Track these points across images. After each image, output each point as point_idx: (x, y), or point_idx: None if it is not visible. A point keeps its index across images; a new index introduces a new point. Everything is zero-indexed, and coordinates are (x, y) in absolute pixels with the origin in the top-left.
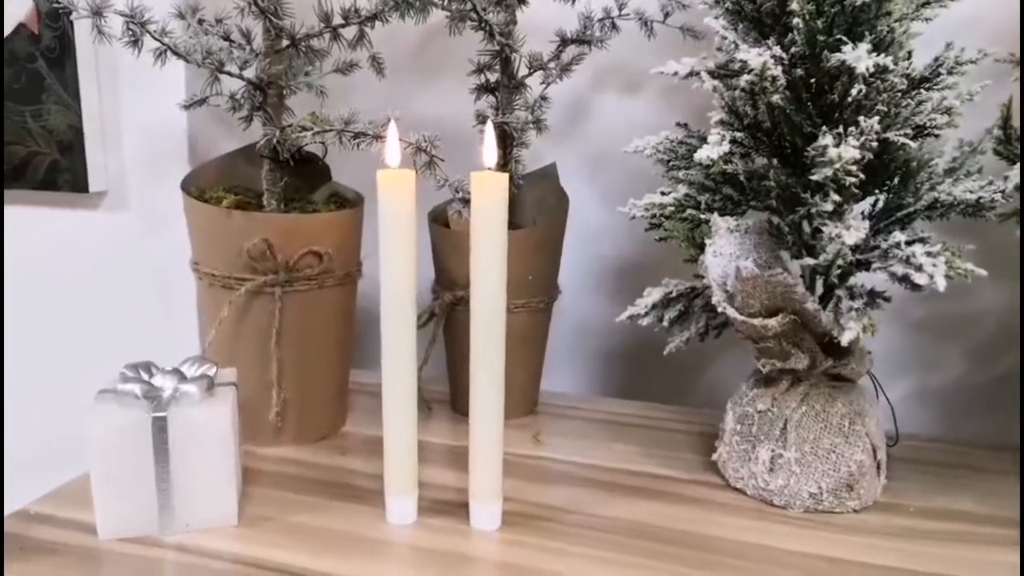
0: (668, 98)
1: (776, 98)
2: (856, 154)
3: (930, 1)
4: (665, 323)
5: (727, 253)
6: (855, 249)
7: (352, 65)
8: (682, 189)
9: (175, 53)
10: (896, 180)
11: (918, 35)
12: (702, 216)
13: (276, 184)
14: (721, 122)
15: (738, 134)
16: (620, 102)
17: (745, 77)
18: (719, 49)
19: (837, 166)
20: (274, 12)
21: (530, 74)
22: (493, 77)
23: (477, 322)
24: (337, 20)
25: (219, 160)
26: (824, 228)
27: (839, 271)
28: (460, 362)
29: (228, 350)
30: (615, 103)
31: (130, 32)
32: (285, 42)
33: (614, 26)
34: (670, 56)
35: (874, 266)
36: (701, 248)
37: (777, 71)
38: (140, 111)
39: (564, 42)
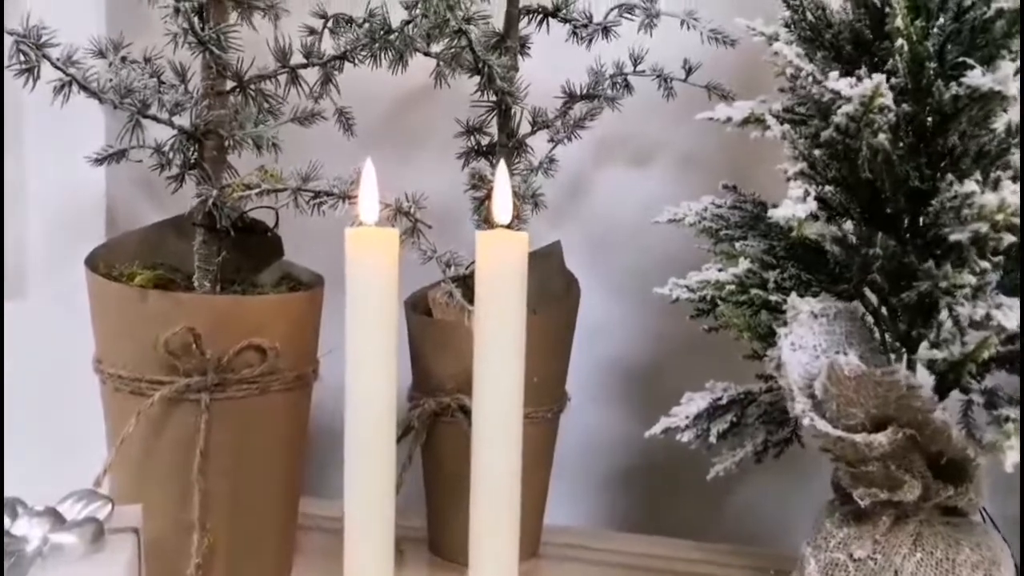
0: (684, 171)
1: (882, 138)
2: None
3: None
4: (712, 439)
5: (810, 345)
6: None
7: (314, 115)
8: (744, 264)
9: (83, 87)
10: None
11: None
12: (770, 298)
13: (211, 260)
14: (801, 174)
15: (828, 188)
16: (626, 176)
17: (844, 109)
18: (782, 90)
19: (999, 217)
20: (217, 43)
21: (533, 131)
22: (485, 140)
23: (482, 439)
24: (297, 60)
25: (142, 232)
26: (960, 308)
27: (972, 368)
28: (444, 490)
29: (134, 479)
30: (620, 177)
31: (22, 56)
32: (230, 83)
33: (627, 85)
34: (684, 123)
35: None
36: (765, 340)
37: (888, 98)
38: (46, 173)
39: (572, 97)
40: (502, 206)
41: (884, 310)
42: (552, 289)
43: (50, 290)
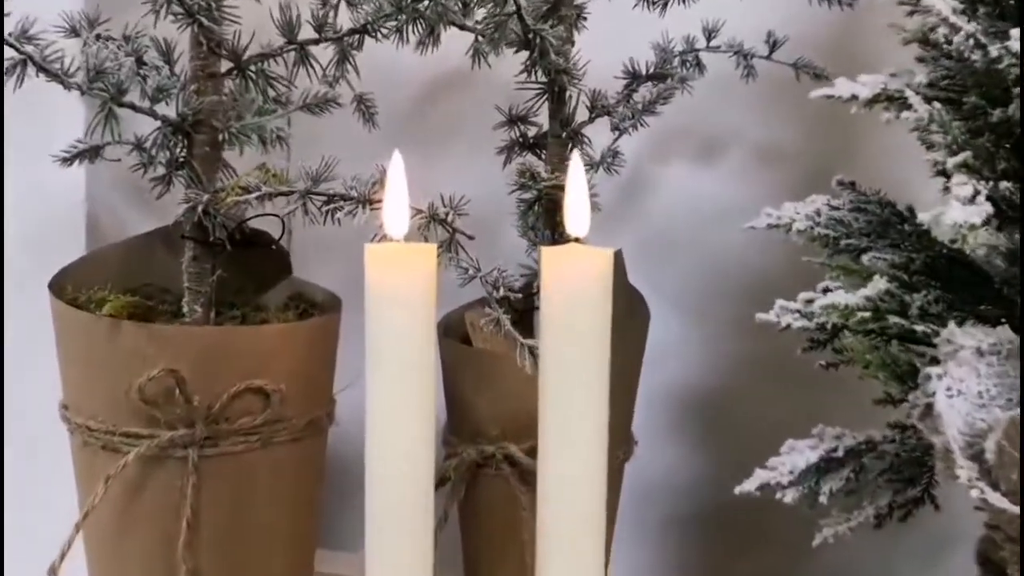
0: (759, 166)
1: None
2: None
3: None
4: (823, 498)
5: (973, 392)
6: None
7: (328, 101)
8: (880, 283)
9: (41, 68)
10: None
11: None
12: (915, 327)
13: (203, 280)
14: (966, 166)
15: (1004, 184)
16: (689, 171)
17: None
18: (921, 60)
19: None
20: (208, 13)
21: (592, 119)
22: (532, 131)
23: (549, 502)
24: (307, 34)
25: (125, 245)
26: None
27: None
28: (486, 553)
29: (105, 559)
30: (682, 172)
31: None
32: (226, 64)
33: (698, 63)
34: (759, 109)
35: None
36: (903, 381)
37: None
38: (17, 175)
39: (636, 78)
40: (578, 214)
41: None
42: (614, 310)
43: (20, 313)
